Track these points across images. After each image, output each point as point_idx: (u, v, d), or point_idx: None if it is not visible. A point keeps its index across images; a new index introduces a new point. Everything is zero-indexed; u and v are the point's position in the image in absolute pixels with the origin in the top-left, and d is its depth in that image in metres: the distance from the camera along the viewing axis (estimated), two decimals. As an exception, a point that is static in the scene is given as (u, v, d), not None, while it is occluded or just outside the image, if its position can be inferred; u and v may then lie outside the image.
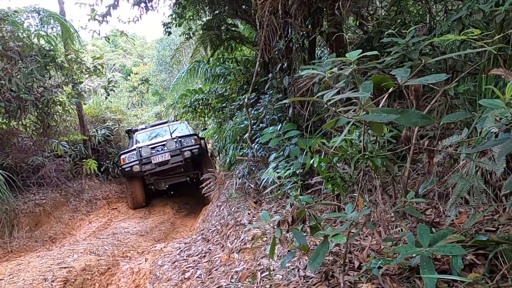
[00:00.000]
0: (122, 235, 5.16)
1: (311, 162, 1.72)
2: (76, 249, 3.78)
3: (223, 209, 4.52)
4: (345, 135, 1.35)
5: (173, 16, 5.54)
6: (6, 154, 6.37)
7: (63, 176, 7.43)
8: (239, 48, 7.65)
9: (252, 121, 4.33)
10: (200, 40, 7.08)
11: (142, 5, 4.70)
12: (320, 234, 1.27)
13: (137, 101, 23.36)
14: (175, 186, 8.52)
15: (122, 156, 7.15)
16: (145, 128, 9.48)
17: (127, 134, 9.73)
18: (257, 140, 4.09)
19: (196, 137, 7.32)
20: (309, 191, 3.10)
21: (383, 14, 3.34)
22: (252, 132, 4.15)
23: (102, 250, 3.74)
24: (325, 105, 1.29)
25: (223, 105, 5.85)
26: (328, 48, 3.65)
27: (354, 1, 2.97)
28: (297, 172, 2.95)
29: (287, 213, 1.88)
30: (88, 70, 6.08)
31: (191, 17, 5.73)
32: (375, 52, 1.27)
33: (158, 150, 7.08)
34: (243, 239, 2.64)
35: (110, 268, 3.21)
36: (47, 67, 5.53)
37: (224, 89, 6.46)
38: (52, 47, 5.96)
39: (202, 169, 7.13)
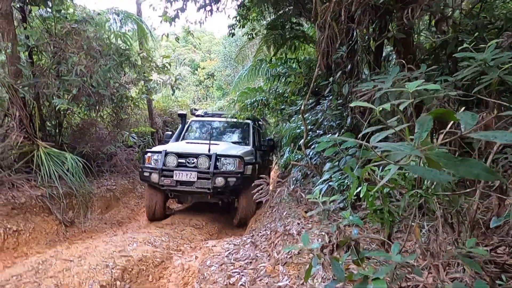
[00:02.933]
0: (179, 227, 5.44)
1: (358, 190, 1.61)
2: (137, 237, 4.07)
3: (275, 211, 4.51)
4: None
5: (237, 18, 5.63)
6: (86, 142, 7.11)
7: (132, 165, 8.08)
8: (302, 47, 7.52)
9: (309, 127, 4.23)
10: (263, 40, 7.10)
11: (208, 8, 4.85)
12: (359, 274, 1.18)
13: (202, 95, 24.35)
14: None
15: (149, 155, 5.75)
16: (206, 115, 7.82)
17: (180, 118, 7.85)
18: (312, 146, 3.99)
19: (239, 160, 5.55)
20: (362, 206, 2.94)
21: (462, 15, 2.99)
22: (308, 138, 4.06)
23: (159, 241, 3.98)
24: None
25: (282, 106, 5.81)
26: (395, 54, 3.39)
27: (428, 5, 2.70)
28: (351, 186, 2.82)
29: (331, 236, 1.79)
30: (157, 68, 6.48)
31: (255, 18, 5.77)
32: (437, 87, 1.12)
33: (187, 163, 5.52)
34: (289, 251, 2.59)
35: (163, 261, 3.40)
36: (123, 65, 6.01)
37: (284, 90, 6.41)
38: (127, 46, 6.45)
39: (240, 197, 5.75)
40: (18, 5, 6.37)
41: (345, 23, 2.83)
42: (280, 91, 6.84)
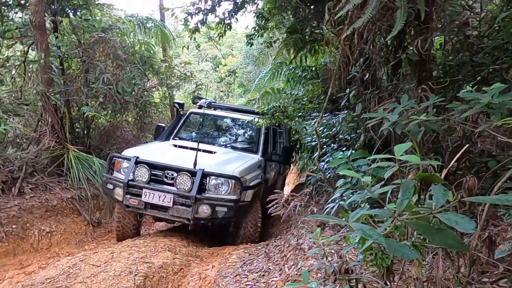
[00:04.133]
0: (200, 230, 5.66)
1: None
2: (158, 242, 4.30)
3: (291, 217, 4.62)
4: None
5: (256, 28, 5.73)
6: (111, 144, 7.47)
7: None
8: (322, 50, 7.52)
9: (324, 140, 4.30)
10: (283, 43, 7.17)
11: (227, 21, 4.97)
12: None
13: (223, 92, 24.63)
14: None
15: (119, 159, 4.50)
16: (210, 106, 6.11)
17: (175, 109, 6.24)
18: (327, 159, 4.06)
19: (235, 182, 4.20)
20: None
21: (479, 35, 2.97)
22: (323, 151, 4.13)
23: (178, 247, 4.19)
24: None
25: (300, 113, 5.89)
26: (411, 72, 3.40)
27: (449, 29, 2.70)
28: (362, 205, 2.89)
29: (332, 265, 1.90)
30: (179, 77, 6.71)
31: (274, 27, 5.85)
32: (436, 163, 1.21)
33: (165, 178, 4.25)
34: (299, 268, 2.72)
35: (182, 268, 3.61)
36: (146, 73, 6.27)
37: (304, 94, 6.46)
38: (151, 54, 6.71)
39: (239, 222, 4.61)
40: (51, 16, 6.74)
41: (359, 45, 2.88)
42: (301, 95, 6.89)
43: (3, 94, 6.77)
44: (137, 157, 4.29)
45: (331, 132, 4.03)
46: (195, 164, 4.19)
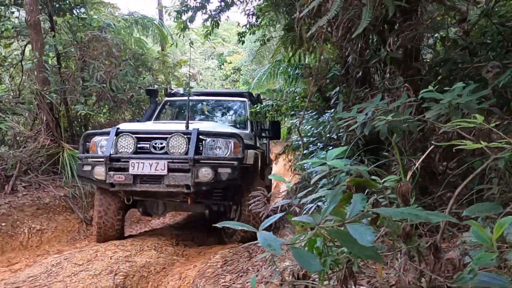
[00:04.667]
0: (194, 225, 5.68)
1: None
2: (146, 241, 4.31)
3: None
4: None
5: (247, 25, 5.68)
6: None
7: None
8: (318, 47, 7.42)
9: (311, 139, 4.24)
10: (281, 41, 7.09)
11: (215, 18, 4.94)
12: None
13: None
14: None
15: (94, 140, 3.84)
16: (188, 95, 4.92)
17: (148, 97, 5.64)
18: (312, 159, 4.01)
19: (236, 140, 3.70)
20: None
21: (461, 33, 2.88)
22: (309, 150, 4.08)
23: (165, 246, 4.19)
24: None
25: (292, 112, 5.83)
26: (396, 70, 3.32)
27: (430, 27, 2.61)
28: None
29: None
30: (175, 79, 6.71)
31: (267, 24, 5.79)
32: (364, 168, 1.16)
33: (153, 148, 3.68)
34: (272, 272, 2.68)
35: (165, 267, 3.60)
36: (138, 70, 6.28)
37: (297, 93, 6.40)
38: (143, 52, 6.73)
39: (241, 201, 4.05)
40: (47, 15, 6.78)
41: (337, 43, 2.82)
42: (297, 91, 6.82)
43: (1, 92, 6.85)
44: (118, 128, 3.75)
45: (316, 131, 3.97)
46: (187, 126, 3.69)
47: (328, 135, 4.07)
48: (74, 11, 7.00)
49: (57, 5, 6.88)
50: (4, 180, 5.01)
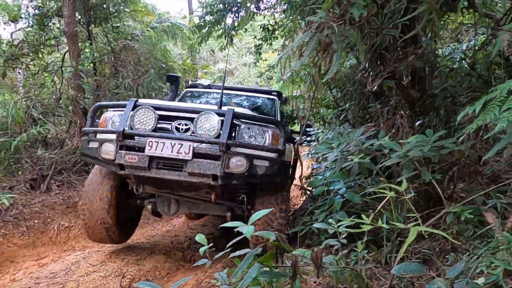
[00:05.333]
0: (210, 229, 5.93)
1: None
2: (158, 244, 4.62)
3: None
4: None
5: (263, 38, 5.78)
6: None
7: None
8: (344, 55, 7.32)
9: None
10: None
11: (230, 32, 5.10)
12: None
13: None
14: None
15: (107, 114, 3.21)
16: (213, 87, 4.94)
17: (168, 83, 4.93)
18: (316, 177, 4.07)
19: (277, 129, 3.03)
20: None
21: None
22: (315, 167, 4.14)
23: (174, 251, 4.47)
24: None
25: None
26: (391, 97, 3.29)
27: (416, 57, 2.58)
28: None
29: None
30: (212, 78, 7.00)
31: (284, 35, 5.84)
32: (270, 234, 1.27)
33: (177, 129, 3.00)
34: None
35: (169, 273, 3.88)
36: (163, 78, 6.64)
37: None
38: (168, 60, 7.08)
39: (257, 202, 3.30)
40: (84, 24, 7.33)
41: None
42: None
43: (45, 96, 7.53)
44: (136, 100, 3.03)
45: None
46: (220, 105, 3.15)
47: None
48: (109, 21, 7.48)
49: (94, 15, 7.40)
50: (41, 180, 5.57)
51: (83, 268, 3.72)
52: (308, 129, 4.29)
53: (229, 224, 1.53)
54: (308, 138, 4.12)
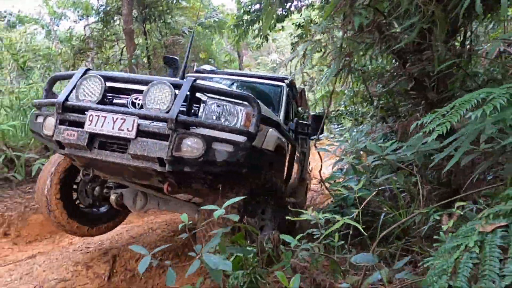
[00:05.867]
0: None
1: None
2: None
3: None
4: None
5: (298, 35, 5.89)
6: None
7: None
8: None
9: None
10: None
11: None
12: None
13: (312, 80, 24.50)
14: None
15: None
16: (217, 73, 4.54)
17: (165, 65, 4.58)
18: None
19: (250, 108, 2.32)
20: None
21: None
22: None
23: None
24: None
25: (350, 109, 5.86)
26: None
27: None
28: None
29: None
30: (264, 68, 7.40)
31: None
32: (236, 217, 1.52)
33: (133, 104, 2.46)
34: None
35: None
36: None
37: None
38: (213, 53, 7.53)
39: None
40: (141, 21, 8.04)
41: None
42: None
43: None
44: (88, 68, 2.56)
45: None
46: (183, 76, 2.71)
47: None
48: (162, 17, 8.10)
49: (150, 12, 8.07)
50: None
51: (125, 239, 4.32)
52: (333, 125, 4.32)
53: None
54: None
